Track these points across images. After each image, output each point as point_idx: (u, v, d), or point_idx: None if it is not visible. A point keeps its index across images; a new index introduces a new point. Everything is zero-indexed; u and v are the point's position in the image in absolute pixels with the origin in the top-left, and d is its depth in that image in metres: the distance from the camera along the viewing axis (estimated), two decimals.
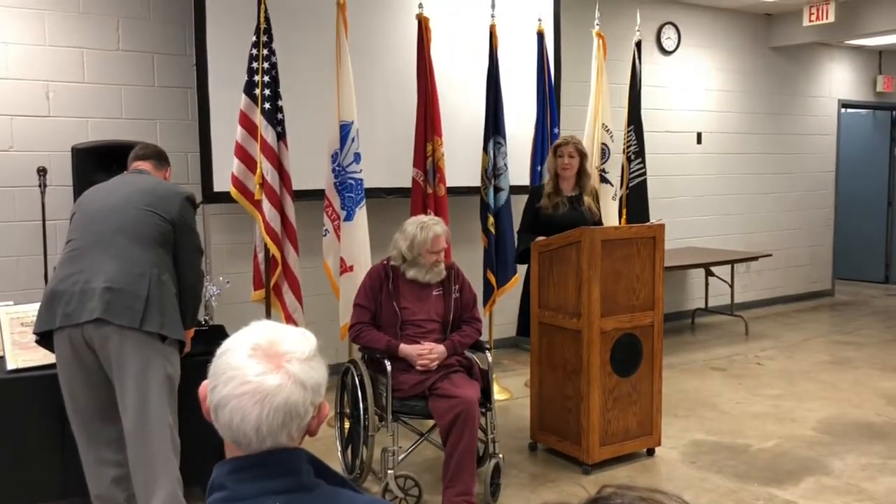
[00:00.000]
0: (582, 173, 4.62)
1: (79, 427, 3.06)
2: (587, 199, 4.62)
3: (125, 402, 2.95)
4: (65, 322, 2.89)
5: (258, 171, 4.25)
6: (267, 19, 4.29)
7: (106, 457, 3.08)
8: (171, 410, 3.03)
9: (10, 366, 3.28)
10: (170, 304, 3.03)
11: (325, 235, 4.68)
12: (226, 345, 1.21)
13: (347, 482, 1.30)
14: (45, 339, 3.01)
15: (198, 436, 3.07)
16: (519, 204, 4.98)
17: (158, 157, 3.44)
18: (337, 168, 4.58)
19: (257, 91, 4.26)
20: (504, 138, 5.21)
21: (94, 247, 2.99)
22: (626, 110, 5.99)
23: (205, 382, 1.22)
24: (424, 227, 3.69)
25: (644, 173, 5.93)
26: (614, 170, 5.83)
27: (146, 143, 3.57)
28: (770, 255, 7.93)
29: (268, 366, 1.17)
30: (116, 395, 2.98)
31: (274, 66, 4.31)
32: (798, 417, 4.87)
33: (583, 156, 4.60)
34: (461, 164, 5.49)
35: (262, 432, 1.16)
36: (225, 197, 4.53)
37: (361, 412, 3.67)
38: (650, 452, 4.22)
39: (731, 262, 7.41)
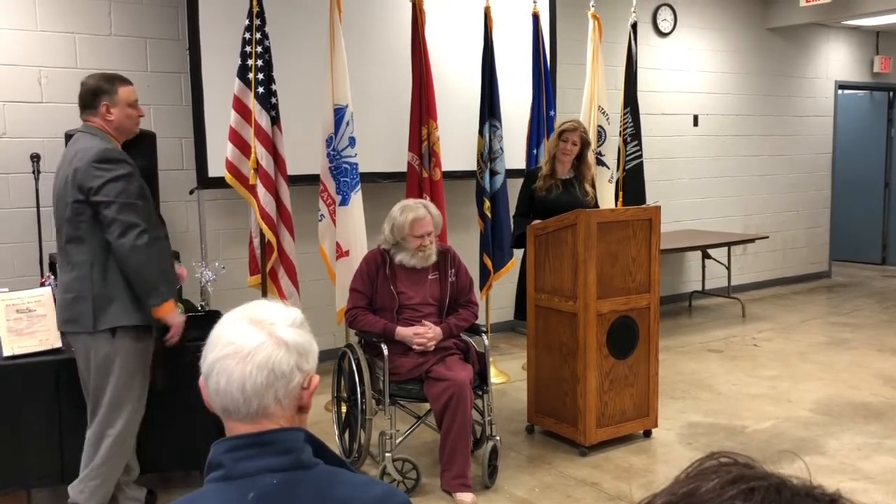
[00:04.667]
0: (581, 160, 4.59)
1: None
2: (586, 187, 4.59)
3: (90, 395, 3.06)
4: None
5: (253, 155, 4.23)
6: (260, 2, 4.26)
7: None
8: (130, 398, 3.03)
9: (7, 352, 3.28)
10: (118, 292, 2.95)
11: (320, 220, 4.67)
12: (218, 322, 1.26)
13: (346, 463, 1.30)
14: None
15: (194, 420, 3.10)
16: (515, 187, 4.97)
17: (84, 101, 2.98)
18: (332, 152, 4.56)
19: (251, 75, 4.24)
20: (500, 121, 5.19)
21: (57, 251, 3.12)
22: (622, 92, 5.96)
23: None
24: (405, 209, 3.68)
25: (640, 156, 5.91)
26: (610, 152, 5.82)
27: (83, 81, 3.05)
28: (767, 238, 7.94)
29: (251, 328, 1.22)
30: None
31: (267, 49, 4.29)
32: (794, 398, 4.89)
33: (585, 144, 4.56)
34: (457, 147, 5.47)
35: (246, 391, 1.18)
36: (220, 182, 4.52)
37: (358, 396, 3.67)
38: (647, 434, 4.24)
39: (728, 245, 7.42)
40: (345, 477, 1.23)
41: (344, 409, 3.98)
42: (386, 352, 3.54)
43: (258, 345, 1.20)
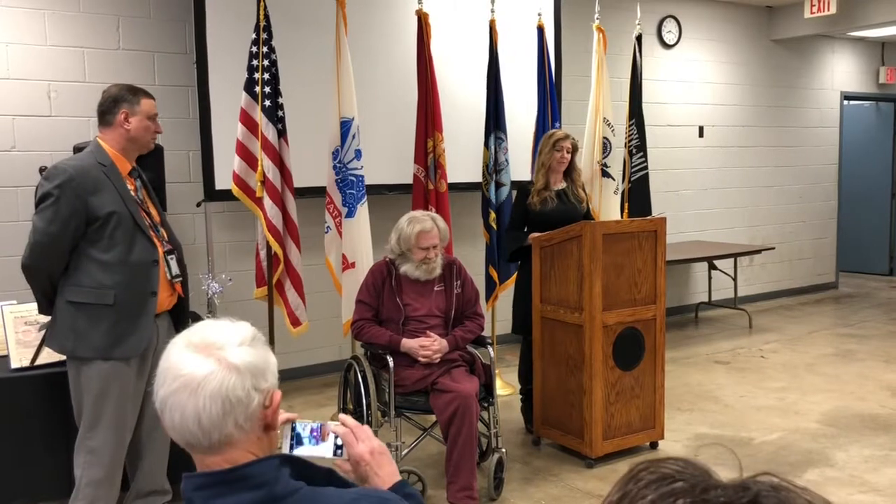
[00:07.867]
0: (570, 165, 4.59)
1: None
2: (579, 192, 4.58)
3: None
4: None
5: (259, 168, 4.26)
6: (266, 16, 4.30)
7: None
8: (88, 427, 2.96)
9: (14, 364, 3.29)
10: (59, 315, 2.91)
11: (326, 232, 4.69)
12: (166, 350, 1.20)
13: (336, 476, 1.27)
14: None
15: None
16: None
17: (102, 109, 2.92)
18: (338, 165, 4.58)
19: (258, 88, 4.27)
20: (505, 133, 5.20)
21: None
22: (627, 104, 5.98)
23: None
24: (413, 221, 3.69)
25: (646, 167, 5.92)
26: (616, 164, 5.82)
27: (105, 90, 3.01)
28: (773, 249, 7.93)
29: (198, 357, 1.15)
30: None
31: (274, 63, 4.32)
32: (802, 410, 4.87)
33: (575, 150, 4.58)
34: (462, 159, 5.48)
35: (203, 424, 1.13)
36: (227, 195, 4.54)
37: (364, 408, 3.67)
38: (653, 446, 4.23)
39: (735, 256, 7.40)
40: (328, 494, 1.19)
41: None
42: (391, 364, 3.54)
43: (208, 373, 1.13)
